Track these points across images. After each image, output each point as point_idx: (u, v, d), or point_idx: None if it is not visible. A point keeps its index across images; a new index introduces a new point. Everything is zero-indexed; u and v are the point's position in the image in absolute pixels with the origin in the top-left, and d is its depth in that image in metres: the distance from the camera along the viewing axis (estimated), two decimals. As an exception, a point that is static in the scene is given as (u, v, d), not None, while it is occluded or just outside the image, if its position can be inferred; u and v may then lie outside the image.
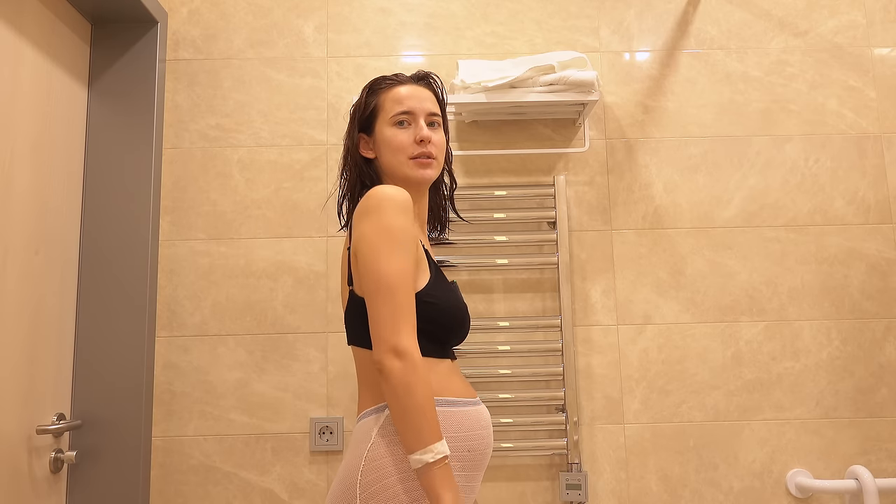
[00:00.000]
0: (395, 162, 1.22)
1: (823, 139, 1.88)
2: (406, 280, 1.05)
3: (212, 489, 1.71)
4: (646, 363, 1.78)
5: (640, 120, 1.88)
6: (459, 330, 1.21)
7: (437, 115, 1.26)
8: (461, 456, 1.10)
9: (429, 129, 1.23)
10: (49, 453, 1.54)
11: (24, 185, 1.47)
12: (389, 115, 1.23)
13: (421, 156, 1.21)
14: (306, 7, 1.91)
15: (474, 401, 1.19)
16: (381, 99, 1.25)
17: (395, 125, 1.23)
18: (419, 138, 1.20)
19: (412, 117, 1.23)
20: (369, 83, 1.29)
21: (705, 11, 1.93)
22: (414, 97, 1.24)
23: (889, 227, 1.84)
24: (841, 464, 1.74)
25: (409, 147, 1.21)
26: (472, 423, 1.14)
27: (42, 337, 1.53)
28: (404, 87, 1.25)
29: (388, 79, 1.27)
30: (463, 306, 1.22)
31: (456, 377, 1.19)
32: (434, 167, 1.23)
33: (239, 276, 1.79)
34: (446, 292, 1.18)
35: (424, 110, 1.23)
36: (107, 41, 1.79)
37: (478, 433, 1.14)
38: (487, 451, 1.16)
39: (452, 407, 1.13)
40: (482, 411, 1.19)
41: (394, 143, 1.22)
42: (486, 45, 1.91)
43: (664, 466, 1.74)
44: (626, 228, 1.83)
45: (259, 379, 1.75)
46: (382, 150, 1.24)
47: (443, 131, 1.28)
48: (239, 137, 1.85)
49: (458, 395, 1.16)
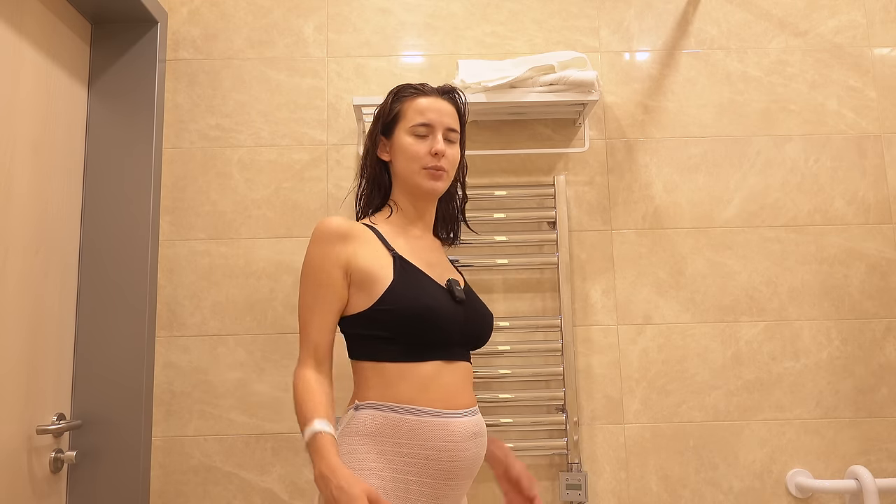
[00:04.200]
0: (409, 170, 1.27)
1: (823, 139, 1.88)
2: (310, 315, 1.19)
3: (212, 489, 1.71)
4: (646, 363, 1.78)
5: (640, 120, 1.88)
6: (429, 330, 1.18)
7: (454, 132, 1.30)
8: (417, 463, 1.13)
9: (445, 144, 1.27)
10: (49, 453, 1.54)
11: (24, 185, 1.47)
12: (410, 124, 1.28)
13: (433, 168, 1.26)
14: (306, 7, 1.91)
15: (448, 412, 1.17)
16: (405, 107, 1.30)
17: (414, 135, 1.28)
18: (434, 151, 1.25)
19: (431, 129, 1.27)
20: (396, 89, 1.33)
21: (705, 11, 1.93)
22: (435, 110, 1.28)
23: (889, 227, 1.84)
24: (841, 464, 1.74)
25: (424, 158, 1.26)
26: (433, 434, 1.14)
27: (42, 337, 1.53)
28: (428, 98, 1.30)
29: (415, 88, 1.32)
30: (434, 303, 1.18)
31: (433, 384, 1.17)
32: (444, 180, 1.28)
33: (239, 276, 1.79)
34: (407, 297, 1.17)
35: (443, 124, 1.28)
36: (107, 41, 1.79)
37: (439, 444, 1.14)
38: (458, 462, 1.15)
39: (411, 415, 1.14)
40: (455, 424, 1.16)
41: (409, 152, 1.27)
42: (486, 45, 1.91)
43: (664, 466, 1.74)
44: (626, 228, 1.83)
45: (259, 379, 1.75)
46: (398, 155, 1.29)
47: (458, 146, 1.32)
48: (239, 137, 1.85)
49: (427, 405, 1.16)
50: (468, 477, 1.18)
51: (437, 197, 1.33)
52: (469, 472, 1.18)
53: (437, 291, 1.21)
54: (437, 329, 1.18)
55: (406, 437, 1.14)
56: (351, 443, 1.15)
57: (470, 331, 1.25)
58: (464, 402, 1.20)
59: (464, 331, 1.23)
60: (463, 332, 1.23)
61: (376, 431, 1.15)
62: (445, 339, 1.20)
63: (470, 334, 1.25)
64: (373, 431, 1.15)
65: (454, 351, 1.22)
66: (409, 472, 1.14)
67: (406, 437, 1.14)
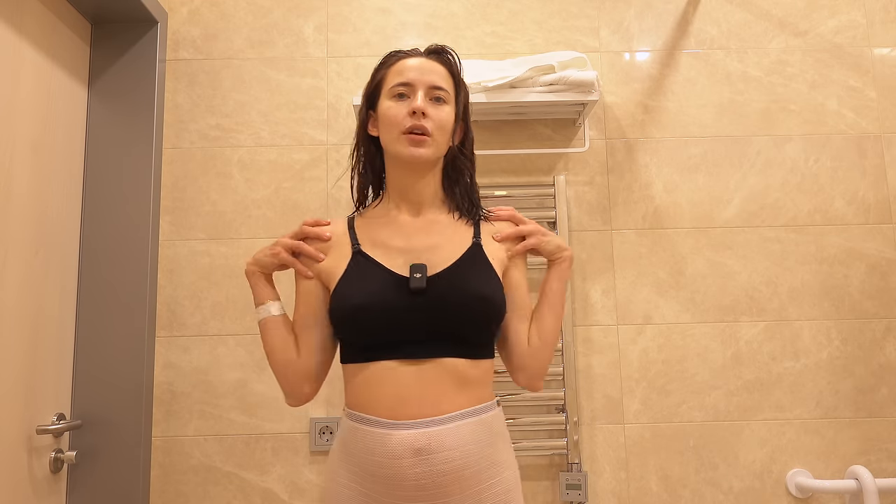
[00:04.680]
0: (389, 138, 1.13)
1: (823, 139, 1.88)
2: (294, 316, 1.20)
3: (212, 489, 1.71)
4: (646, 363, 1.78)
5: (640, 120, 1.88)
6: (363, 328, 1.07)
7: (442, 90, 1.13)
8: (367, 477, 1.04)
9: (428, 103, 1.11)
10: (49, 453, 1.54)
11: (23, 185, 1.47)
12: (389, 87, 1.14)
13: (414, 129, 1.10)
14: (306, 7, 1.91)
15: (388, 422, 1.03)
16: (387, 72, 1.16)
17: (393, 97, 1.13)
18: (412, 109, 1.10)
19: (411, 89, 1.12)
20: (383, 57, 1.20)
21: (705, 11, 1.93)
22: (416, 69, 1.13)
23: (889, 227, 1.84)
24: (841, 464, 1.74)
25: (403, 120, 1.10)
26: (372, 448, 1.03)
27: (42, 337, 1.53)
28: (412, 59, 1.15)
29: (400, 52, 1.18)
30: (365, 300, 1.06)
31: (379, 389, 1.05)
32: (428, 145, 1.11)
33: (239, 276, 1.79)
34: (342, 295, 1.09)
35: (426, 82, 1.12)
36: (107, 41, 1.78)
37: (378, 459, 1.02)
38: (404, 482, 1.01)
39: (357, 423, 1.07)
40: (393, 437, 1.02)
41: (387, 116, 1.12)
42: (486, 45, 1.91)
43: (664, 466, 1.74)
44: (626, 228, 1.83)
45: (259, 379, 1.75)
46: (381, 125, 1.15)
47: (452, 109, 1.15)
48: (239, 137, 1.85)
49: (370, 412, 1.05)
50: (427, 499, 1.01)
51: (425, 166, 1.15)
52: (420, 494, 1.01)
53: (382, 285, 1.07)
54: (372, 326, 1.06)
55: (354, 447, 1.06)
56: (332, 449, 1.14)
57: (436, 323, 1.06)
58: (418, 411, 1.03)
59: (429, 324, 1.06)
60: (428, 325, 1.06)
61: (342, 439, 1.10)
62: (394, 337, 1.06)
63: (437, 327, 1.06)
64: (341, 438, 1.11)
65: (416, 349, 1.06)
66: (366, 485, 1.05)
67: (354, 448, 1.06)
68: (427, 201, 1.19)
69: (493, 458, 1.07)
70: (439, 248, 1.13)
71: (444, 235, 1.15)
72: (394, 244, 1.13)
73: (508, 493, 1.07)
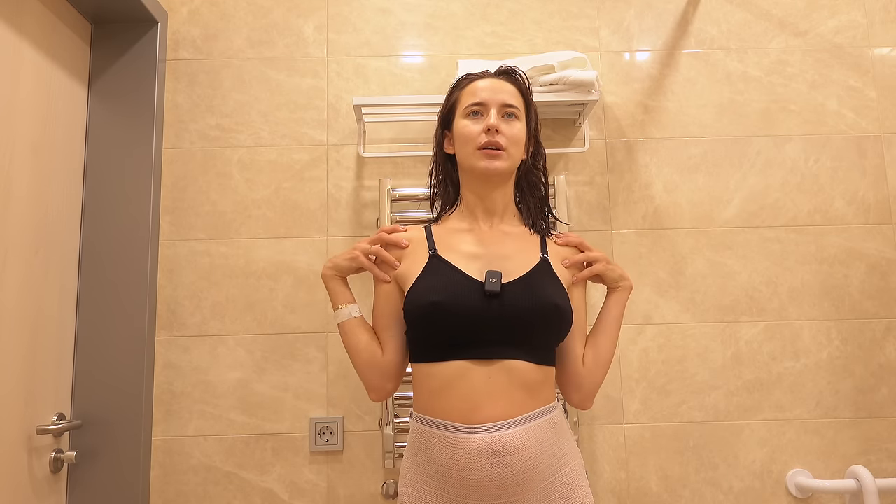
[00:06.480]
0: (465, 153, 1.22)
1: (823, 139, 1.88)
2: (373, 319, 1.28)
3: (212, 489, 1.71)
4: (646, 363, 1.78)
5: (640, 120, 1.88)
6: (438, 326, 1.11)
7: (513, 108, 1.22)
8: (437, 478, 1.11)
9: (501, 120, 1.20)
10: (49, 453, 1.54)
11: (23, 185, 1.47)
12: (463, 108, 1.23)
13: (488, 146, 1.18)
14: (306, 7, 1.91)
15: (462, 426, 1.08)
16: (461, 94, 1.26)
17: (468, 116, 1.22)
18: (486, 127, 1.18)
19: (484, 108, 1.21)
20: (455, 80, 1.29)
21: (705, 11, 1.93)
22: (488, 89, 1.22)
23: (889, 227, 1.84)
24: (841, 464, 1.74)
25: (478, 137, 1.19)
26: (444, 451, 1.09)
27: (42, 337, 1.53)
28: (483, 80, 1.25)
29: (472, 74, 1.27)
30: (442, 298, 1.11)
31: (450, 390, 1.10)
32: (503, 159, 1.19)
33: (239, 276, 1.79)
34: (419, 294, 1.15)
35: (498, 101, 1.21)
36: (107, 41, 1.79)
37: (450, 462, 1.08)
38: (476, 483, 1.06)
39: (427, 426, 1.13)
40: (468, 441, 1.07)
41: (463, 134, 1.21)
42: (486, 45, 1.91)
43: (664, 466, 1.74)
44: (626, 228, 1.83)
45: (259, 379, 1.75)
46: (457, 144, 1.24)
47: (523, 125, 1.24)
48: (239, 137, 1.85)
49: (441, 416, 1.11)
50: (504, 497, 1.08)
51: (499, 179, 1.23)
52: (499, 493, 1.07)
53: (460, 286, 1.13)
54: (447, 324, 1.11)
55: (429, 452, 1.12)
56: (405, 455, 1.18)
57: (508, 327, 1.12)
58: (490, 414, 1.09)
59: (501, 327, 1.12)
60: (500, 328, 1.12)
61: (415, 444, 1.16)
62: (466, 337, 1.11)
63: (508, 331, 1.12)
64: (413, 444, 1.16)
65: (486, 351, 1.11)
66: (434, 485, 1.11)
67: (425, 450, 1.13)
68: (500, 213, 1.26)
69: (560, 453, 1.15)
70: (511, 258, 1.20)
71: (515, 247, 1.23)
72: (468, 251, 1.21)
73: (574, 483, 1.15)
